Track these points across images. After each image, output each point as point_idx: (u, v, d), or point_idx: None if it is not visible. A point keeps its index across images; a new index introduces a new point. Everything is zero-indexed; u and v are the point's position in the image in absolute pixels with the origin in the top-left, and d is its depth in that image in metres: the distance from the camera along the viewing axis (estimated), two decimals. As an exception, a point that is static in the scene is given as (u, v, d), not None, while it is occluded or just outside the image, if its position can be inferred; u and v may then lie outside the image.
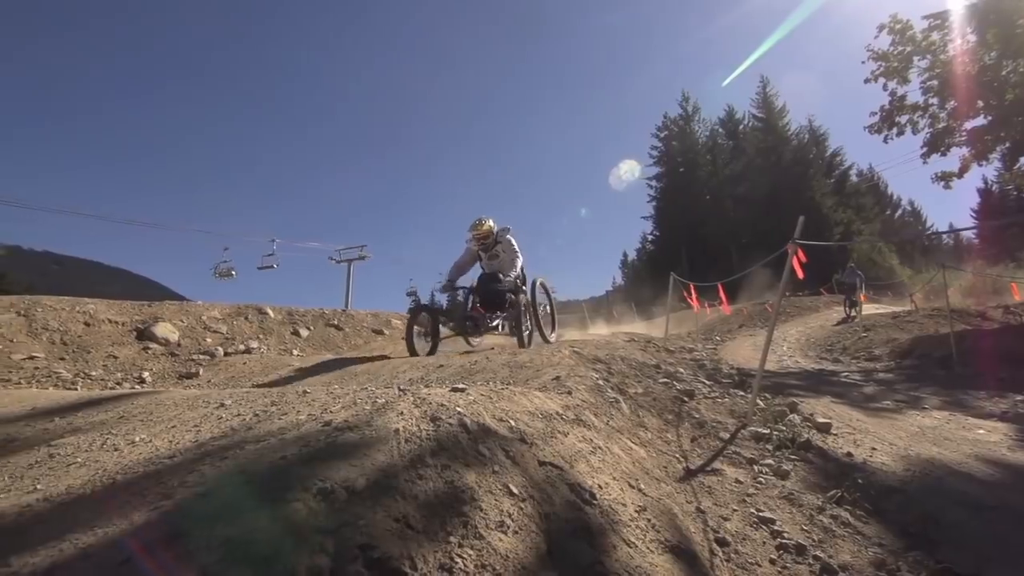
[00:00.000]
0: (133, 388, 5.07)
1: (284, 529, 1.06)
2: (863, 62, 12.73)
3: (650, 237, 49.91)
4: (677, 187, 45.04)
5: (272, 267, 23.80)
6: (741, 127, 46.48)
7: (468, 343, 6.86)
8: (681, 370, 5.60)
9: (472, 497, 1.41)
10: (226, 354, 6.60)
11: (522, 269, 6.84)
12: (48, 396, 3.24)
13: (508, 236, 6.71)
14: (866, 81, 12.87)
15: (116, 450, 1.81)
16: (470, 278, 6.85)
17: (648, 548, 1.70)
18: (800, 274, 4.13)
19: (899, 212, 51.47)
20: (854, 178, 44.52)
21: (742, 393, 4.79)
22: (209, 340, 7.09)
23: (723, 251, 40.45)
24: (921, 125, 12.51)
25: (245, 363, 5.99)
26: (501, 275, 6.58)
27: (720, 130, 47.29)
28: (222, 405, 2.29)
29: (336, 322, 9.37)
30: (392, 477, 1.34)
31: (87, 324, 6.62)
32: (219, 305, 8.35)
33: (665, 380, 4.75)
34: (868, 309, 16.25)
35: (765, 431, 3.59)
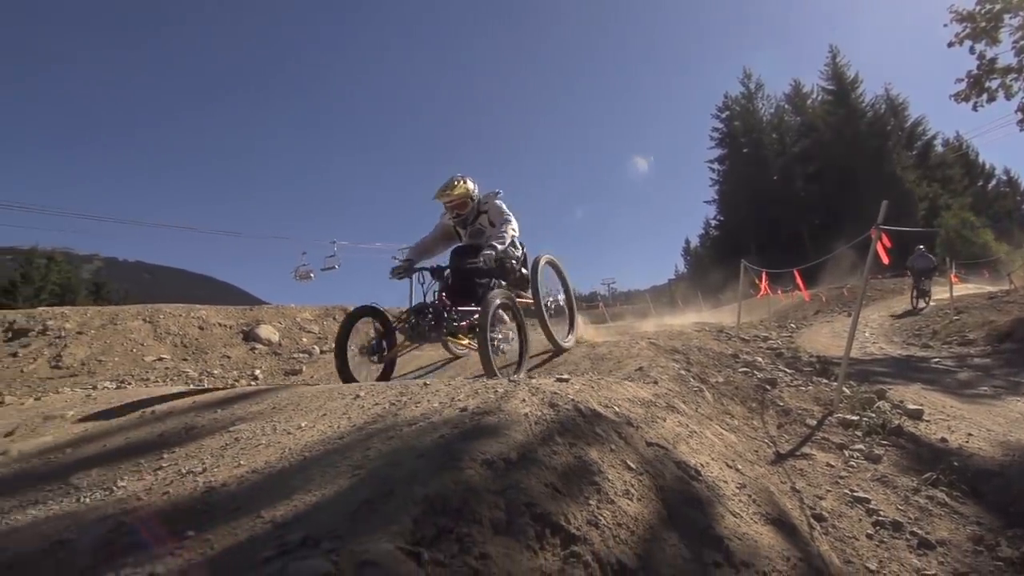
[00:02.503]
0: (249, 384, 5.67)
1: (465, 490, 1.34)
2: (945, 25, 11.95)
3: (714, 222, 48.54)
4: (741, 169, 43.50)
5: (334, 268, 25.01)
6: (809, 101, 44.19)
7: (449, 350, 5.38)
8: (759, 359, 5.62)
9: (599, 469, 1.65)
10: (321, 352, 7.19)
11: (520, 248, 4.90)
12: (200, 392, 3.77)
13: (497, 201, 4.78)
14: (950, 45, 12.11)
15: (289, 433, 2.18)
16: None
17: (752, 519, 1.89)
18: (885, 260, 4.10)
19: (992, 182, 47.25)
20: (939, 148, 41.40)
21: (825, 381, 4.79)
22: (305, 340, 7.73)
23: (794, 233, 38.78)
24: (1015, 88, 11.65)
25: (340, 360, 6.52)
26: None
27: (786, 106, 45.23)
28: (358, 396, 2.65)
29: (413, 320, 9.90)
30: (533, 452, 1.61)
31: (201, 328, 7.41)
32: (309, 307, 9.03)
33: (745, 369, 4.82)
34: (959, 290, 15.19)
35: (853, 418, 3.63)
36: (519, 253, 4.89)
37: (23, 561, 1.36)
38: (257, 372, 6.20)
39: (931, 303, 12.89)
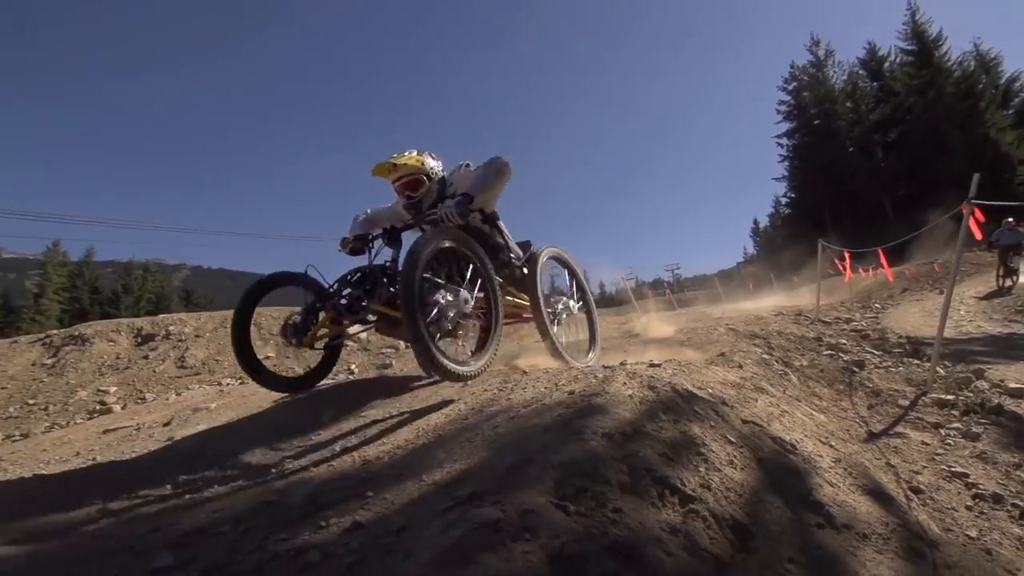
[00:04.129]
0: (348, 378, 6.17)
1: (593, 457, 1.58)
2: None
3: (784, 200, 46.42)
4: (813, 142, 41.13)
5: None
6: (887, 64, 41.05)
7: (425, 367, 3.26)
8: (843, 341, 5.53)
9: (703, 442, 1.84)
10: (406, 347, 7.65)
11: (520, 251, 3.73)
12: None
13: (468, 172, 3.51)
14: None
15: (416, 416, 2.51)
16: None
17: (848, 489, 2.02)
18: (978, 235, 3.98)
19: (1108, 138, 42.16)
20: (1041, 105, 37.41)
21: (917, 362, 4.69)
22: (390, 336, 8.26)
23: (875, 206, 36.40)
24: None
25: (425, 354, 6.96)
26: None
27: (860, 71, 42.19)
28: (465, 385, 2.96)
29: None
30: (643, 427, 1.82)
31: (297, 328, 8.07)
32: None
33: (829, 352, 4.79)
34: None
35: (949, 397, 3.59)
36: (512, 240, 3.74)
37: (243, 516, 1.72)
38: (353, 367, 6.74)
39: (1018, 281, 11.78)
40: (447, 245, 2.75)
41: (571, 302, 4.01)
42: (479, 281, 2.91)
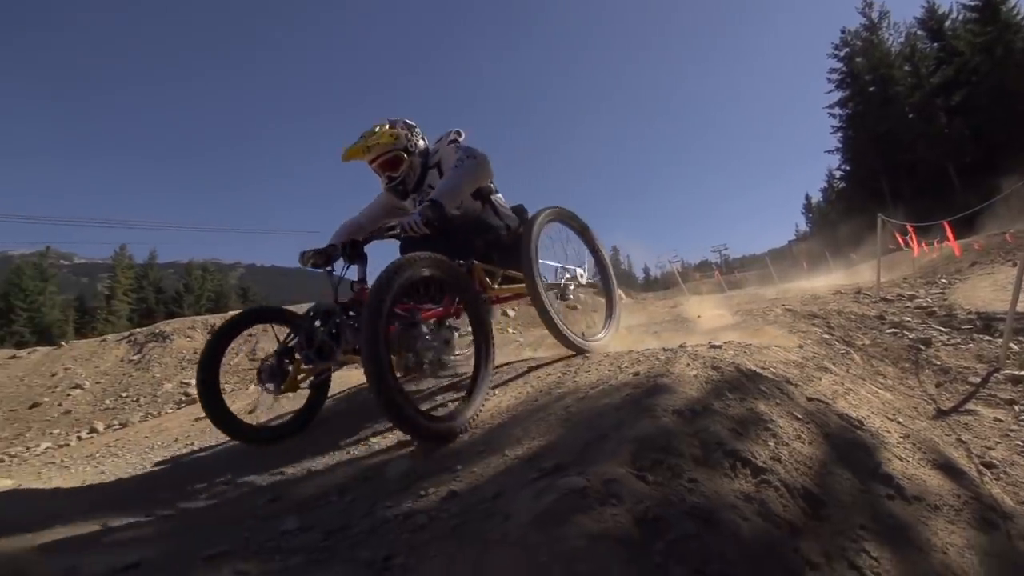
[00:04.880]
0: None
1: (666, 432, 1.68)
2: None
3: (838, 173, 44.46)
4: (869, 110, 39.04)
5: None
6: (948, 23, 38.42)
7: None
8: (907, 319, 5.38)
9: (770, 418, 1.91)
10: (461, 336, 7.88)
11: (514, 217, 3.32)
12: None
13: (453, 144, 3.15)
14: None
15: (485, 399, 2.66)
16: None
17: (918, 464, 2.05)
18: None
19: None
20: None
21: (988, 338, 4.53)
22: (443, 326, 8.51)
23: (939, 175, 34.33)
24: None
25: (479, 342, 7.15)
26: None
27: (919, 32, 39.66)
28: (530, 370, 3.10)
29: (534, 301, 10.41)
30: (711, 404, 1.91)
31: (355, 320, 8.43)
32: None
33: (893, 330, 4.69)
34: None
35: (1023, 374, 3.48)
36: (507, 214, 3.34)
37: (348, 488, 1.93)
38: (410, 356, 7.03)
39: None
40: (424, 275, 2.31)
41: (579, 270, 3.49)
42: (476, 315, 2.63)
